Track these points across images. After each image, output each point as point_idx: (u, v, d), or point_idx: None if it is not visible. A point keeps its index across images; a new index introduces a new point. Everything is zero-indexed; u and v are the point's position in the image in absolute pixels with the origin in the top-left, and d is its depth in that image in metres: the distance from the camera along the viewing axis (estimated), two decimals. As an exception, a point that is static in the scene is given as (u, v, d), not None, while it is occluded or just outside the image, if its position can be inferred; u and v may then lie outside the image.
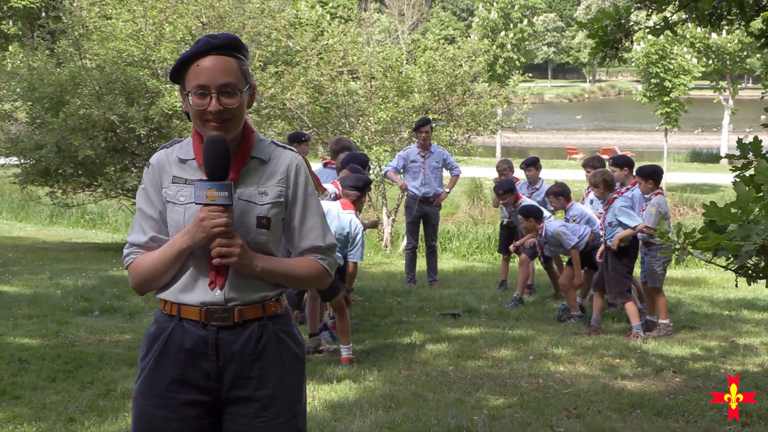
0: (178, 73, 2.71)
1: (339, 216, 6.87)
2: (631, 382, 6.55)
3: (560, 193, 9.45)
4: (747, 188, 2.79)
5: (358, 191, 7.06)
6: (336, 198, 7.44)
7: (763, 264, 2.94)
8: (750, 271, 3.01)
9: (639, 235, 8.34)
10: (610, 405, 5.87)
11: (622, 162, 9.30)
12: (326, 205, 7.04)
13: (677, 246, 2.97)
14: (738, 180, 3.25)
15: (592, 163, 9.82)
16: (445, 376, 6.57)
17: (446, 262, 15.24)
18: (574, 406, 5.82)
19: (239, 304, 2.70)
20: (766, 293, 11.15)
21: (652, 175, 8.45)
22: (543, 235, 9.11)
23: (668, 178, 31.01)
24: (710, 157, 41.06)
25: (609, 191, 8.44)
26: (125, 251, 2.80)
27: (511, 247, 10.28)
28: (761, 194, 2.83)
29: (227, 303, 2.69)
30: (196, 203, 2.61)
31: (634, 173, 8.86)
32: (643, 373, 6.90)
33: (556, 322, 9.08)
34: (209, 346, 2.69)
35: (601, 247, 8.61)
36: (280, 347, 2.75)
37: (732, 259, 2.90)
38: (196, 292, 2.69)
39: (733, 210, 2.80)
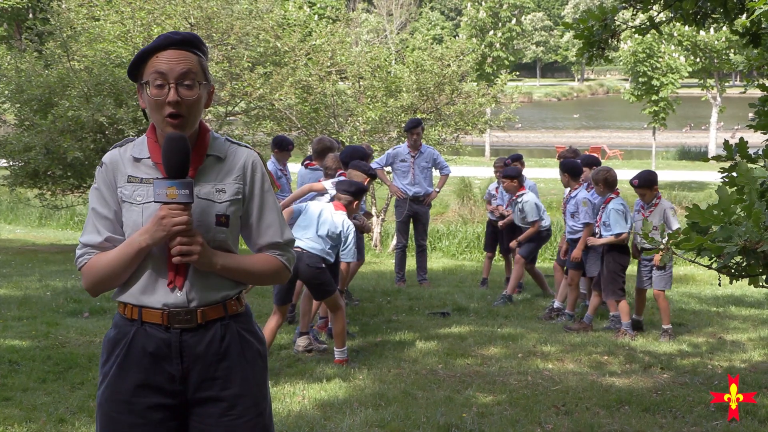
0: (136, 67, 2.69)
1: (332, 215, 6.90)
2: (619, 379, 6.60)
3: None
4: (729, 191, 2.82)
5: (350, 196, 7.08)
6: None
7: (745, 263, 2.97)
8: (733, 270, 3.04)
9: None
10: (599, 401, 5.92)
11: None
12: (319, 205, 7.06)
13: (661, 247, 3.01)
14: (724, 181, 3.29)
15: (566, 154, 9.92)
16: (435, 375, 6.60)
17: (436, 261, 15.27)
18: (562, 403, 5.86)
19: (201, 304, 2.68)
20: (754, 289, 11.22)
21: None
22: (572, 196, 9.05)
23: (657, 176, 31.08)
24: (698, 155, 41.20)
25: (609, 190, 8.47)
26: (78, 252, 2.77)
27: (513, 243, 10.27)
28: (743, 196, 2.86)
29: (189, 304, 2.67)
30: (156, 201, 2.59)
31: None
32: (631, 370, 6.95)
33: (545, 320, 9.13)
34: (173, 348, 2.67)
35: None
36: (243, 346, 2.75)
37: (715, 259, 2.92)
38: (157, 294, 2.67)
39: (715, 212, 2.83)
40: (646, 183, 8.26)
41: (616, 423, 5.45)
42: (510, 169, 10.26)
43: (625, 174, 33.05)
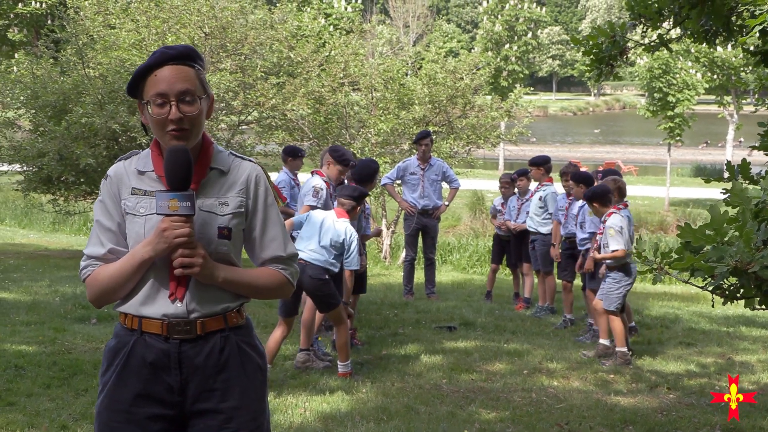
0: (135, 86, 2.72)
1: (334, 224, 6.88)
2: (624, 398, 6.55)
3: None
4: (722, 210, 2.80)
5: (353, 201, 7.06)
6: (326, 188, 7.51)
7: (738, 285, 2.95)
8: (726, 291, 3.02)
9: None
10: (603, 421, 5.87)
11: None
12: (321, 214, 7.04)
13: (654, 266, 2.99)
14: (726, 201, 3.26)
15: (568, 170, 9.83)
16: (438, 389, 6.58)
17: (445, 275, 15.24)
18: (566, 422, 5.82)
19: (201, 316, 2.69)
20: (766, 310, 11.12)
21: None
22: (581, 206, 8.89)
23: (672, 193, 31.00)
24: (714, 173, 41.04)
25: (620, 198, 8.37)
26: (82, 263, 2.79)
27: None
28: (736, 216, 2.84)
29: (189, 315, 2.68)
30: (158, 214, 2.61)
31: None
32: (636, 389, 6.90)
33: (553, 336, 9.05)
34: (172, 359, 2.68)
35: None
36: (242, 358, 2.75)
37: (708, 279, 2.91)
38: (157, 305, 2.69)
39: (707, 231, 2.81)
40: (587, 198, 8.18)
41: (619, 442, 5.41)
42: (538, 157, 10.51)
43: (638, 190, 32.81)
